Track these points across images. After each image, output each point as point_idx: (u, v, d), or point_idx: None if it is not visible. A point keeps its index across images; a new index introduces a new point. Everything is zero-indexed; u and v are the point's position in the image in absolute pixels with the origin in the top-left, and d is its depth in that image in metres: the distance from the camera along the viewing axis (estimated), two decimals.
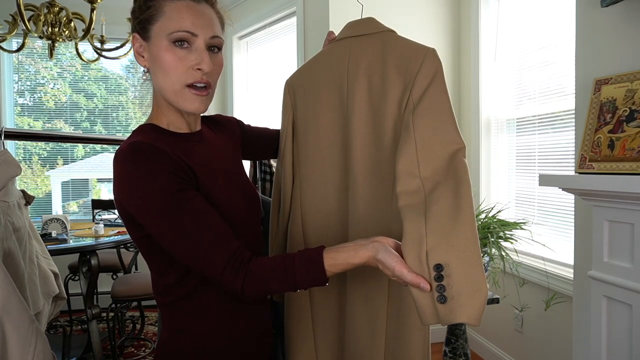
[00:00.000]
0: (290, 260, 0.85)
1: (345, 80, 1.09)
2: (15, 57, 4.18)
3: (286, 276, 0.84)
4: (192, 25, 0.87)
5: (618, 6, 1.64)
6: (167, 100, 0.93)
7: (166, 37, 0.88)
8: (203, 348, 0.96)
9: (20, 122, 4.28)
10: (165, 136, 0.94)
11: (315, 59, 1.19)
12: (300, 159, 1.16)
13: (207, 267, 0.84)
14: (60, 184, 4.49)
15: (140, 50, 0.93)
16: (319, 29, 3.04)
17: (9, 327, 1.14)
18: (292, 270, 0.84)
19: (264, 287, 0.85)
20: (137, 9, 0.92)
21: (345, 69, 1.09)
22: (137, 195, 0.83)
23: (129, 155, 0.84)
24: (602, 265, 1.55)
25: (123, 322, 3.29)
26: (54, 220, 2.90)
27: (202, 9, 0.90)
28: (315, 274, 0.84)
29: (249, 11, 3.86)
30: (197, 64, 0.88)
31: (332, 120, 1.11)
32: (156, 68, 0.91)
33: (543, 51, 2.49)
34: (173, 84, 0.89)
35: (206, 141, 1.01)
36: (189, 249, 0.83)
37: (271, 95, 3.77)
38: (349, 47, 1.11)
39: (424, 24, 3.05)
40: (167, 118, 0.96)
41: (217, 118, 1.13)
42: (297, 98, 1.18)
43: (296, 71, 1.22)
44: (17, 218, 1.55)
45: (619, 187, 1.40)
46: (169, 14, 0.88)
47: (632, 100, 1.51)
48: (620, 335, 1.50)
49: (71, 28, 2.93)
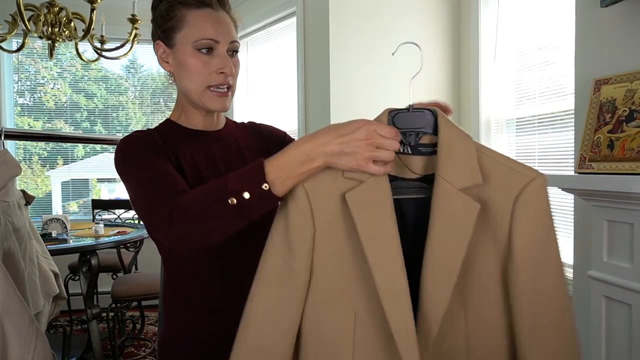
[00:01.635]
0: (222, 177, 0.78)
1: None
2: (15, 57, 4.17)
3: (218, 192, 0.75)
4: (214, 32, 0.96)
5: (618, 6, 1.64)
6: (191, 101, 1.01)
7: (191, 45, 0.96)
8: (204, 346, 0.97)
9: (20, 122, 4.28)
10: (175, 128, 1.03)
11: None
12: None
13: (145, 213, 0.88)
14: (60, 184, 4.49)
15: (164, 56, 1.01)
16: (319, 29, 3.04)
17: (9, 327, 1.14)
18: (224, 185, 0.75)
19: (194, 213, 0.76)
20: (160, 18, 0.99)
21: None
22: (122, 165, 0.93)
23: (122, 143, 0.95)
24: (602, 265, 1.56)
25: (123, 322, 3.29)
26: (54, 220, 2.90)
27: (221, 16, 0.98)
28: (253, 181, 0.74)
29: (249, 11, 3.87)
30: (220, 68, 0.96)
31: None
32: (182, 72, 0.99)
33: (543, 51, 2.49)
34: (198, 86, 0.97)
35: (224, 140, 1.06)
36: (139, 197, 0.89)
37: (271, 95, 3.77)
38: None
39: (424, 24, 3.05)
40: (187, 115, 1.05)
41: (263, 127, 1.17)
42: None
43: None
44: (17, 218, 1.55)
45: (618, 187, 1.40)
46: (192, 23, 0.96)
47: (631, 100, 1.51)
48: (620, 335, 1.50)
49: (71, 28, 2.93)
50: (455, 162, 0.77)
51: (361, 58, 2.94)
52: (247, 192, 0.74)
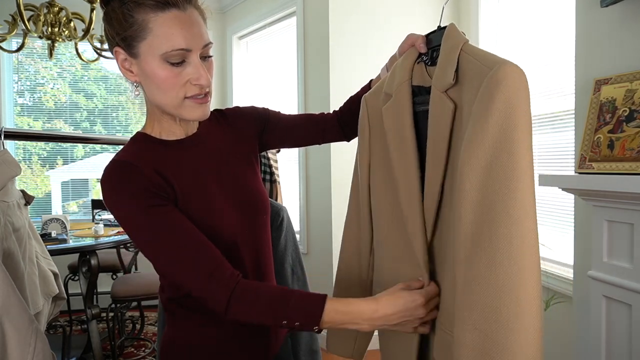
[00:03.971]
0: (288, 292, 0.84)
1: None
2: (15, 57, 4.17)
3: (278, 305, 0.82)
4: (184, 41, 0.82)
5: (618, 6, 1.64)
6: (167, 112, 0.91)
7: (158, 57, 0.83)
8: (206, 344, 0.96)
9: (20, 122, 4.28)
10: (154, 145, 0.93)
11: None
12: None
13: (190, 283, 0.84)
14: (60, 184, 4.49)
15: (127, 65, 0.88)
16: (319, 29, 3.04)
17: (9, 327, 1.14)
18: (285, 305, 0.82)
19: (249, 308, 0.83)
20: (116, 23, 0.84)
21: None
22: (118, 214, 0.86)
23: (107, 177, 0.86)
24: (602, 265, 1.55)
25: (123, 322, 3.29)
26: (54, 220, 2.90)
27: (190, 15, 0.84)
28: (310, 315, 0.81)
29: (248, 11, 3.87)
30: (195, 79, 0.85)
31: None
32: (150, 85, 0.87)
33: (543, 51, 2.49)
34: (172, 100, 0.87)
35: (203, 144, 0.98)
36: (171, 263, 0.85)
37: (271, 94, 3.77)
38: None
39: (424, 24, 3.04)
40: (161, 126, 0.94)
41: (228, 112, 1.07)
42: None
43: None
44: (17, 218, 1.55)
45: (618, 187, 1.40)
46: (157, 31, 0.82)
47: (631, 101, 1.51)
48: (620, 335, 1.50)
49: (71, 28, 2.93)
50: (442, 66, 0.82)
51: (361, 58, 2.93)
52: (299, 322, 0.81)
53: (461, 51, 0.81)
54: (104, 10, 0.87)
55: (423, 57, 0.92)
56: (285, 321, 0.81)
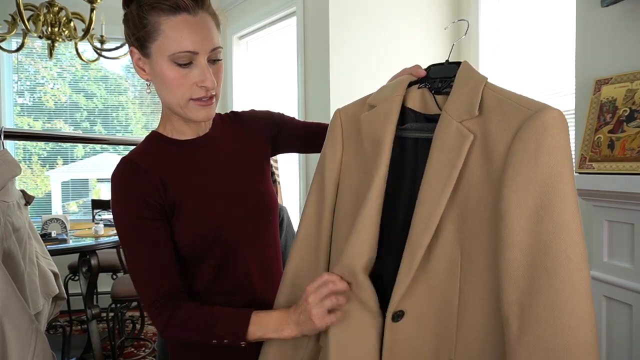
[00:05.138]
0: (217, 314, 0.91)
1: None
2: (15, 57, 4.17)
3: (208, 327, 0.90)
4: (192, 44, 0.86)
5: (618, 6, 1.64)
6: (173, 112, 0.95)
7: (167, 57, 0.87)
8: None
9: (20, 122, 4.28)
10: (165, 145, 0.98)
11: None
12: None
13: (142, 296, 0.93)
14: (60, 184, 4.49)
15: (141, 64, 0.93)
16: (319, 28, 3.04)
17: (9, 327, 1.14)
18: (213, 326, 0.89)
19: (182, 332, 0.92)
20: (132, 25, 0.90)
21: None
22: (113, 211, 0.95)
23: (115, 174, 0.94)
24: (602, 265, 1.56)
25: (123, 322, 3.29)
26: (54, 220, 2.90)
27: (200, 20, 0.88)
28: (236, 336, 0.89)
29: (249, 11, 3.86)
30: (201, 81, 0.89)
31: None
32: (159, 84, 0.92)
33: (543, 51, 2.49)
34: (178, 99, 0.91)
35: (214, 144, 1.01)
36: (134, 273, 0.93)
37: (271, 95, 3.77)
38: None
39: (424, 24, 3.05)
40: (172, 125, 0.99)
41: (243, 114, 1.10)
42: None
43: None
44: (17, 218, 1.55)
45: (619, 187, 1.40)
46: (167, 32, 0.86)
47: (632, 100, 1.51)
48: (620, 335, 1.50)
49: (71, 28, 2.93)
50: (460, 97, 0.81)
51: (361, 58, 2.93)
52: (227, 340, 0.90)
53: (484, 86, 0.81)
54: (124, 12, 0.94)
55: (426, 83, 0.90)
56: (215, 340, 0.90)
